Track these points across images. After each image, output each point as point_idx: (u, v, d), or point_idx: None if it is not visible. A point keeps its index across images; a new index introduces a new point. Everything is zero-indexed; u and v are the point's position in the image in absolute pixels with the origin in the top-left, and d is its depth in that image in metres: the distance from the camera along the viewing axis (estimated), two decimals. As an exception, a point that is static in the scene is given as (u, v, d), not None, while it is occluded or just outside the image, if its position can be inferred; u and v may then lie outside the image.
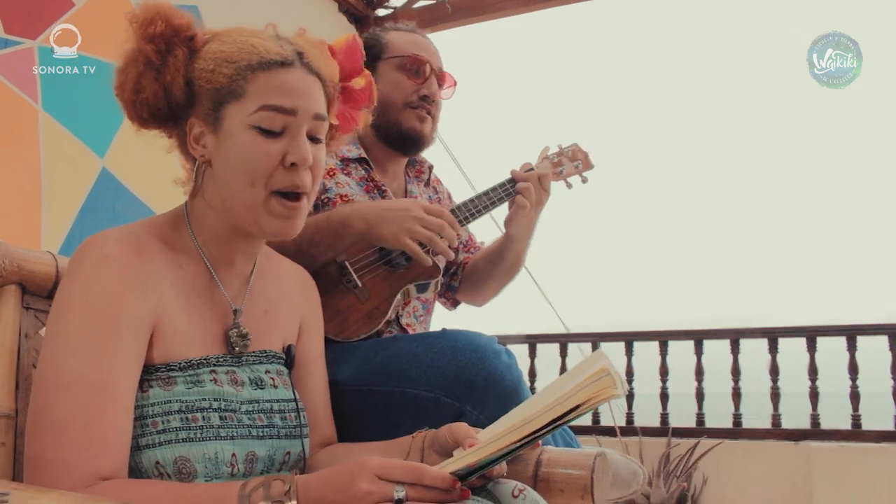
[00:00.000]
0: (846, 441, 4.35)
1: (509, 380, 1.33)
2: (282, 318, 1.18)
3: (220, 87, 1.04)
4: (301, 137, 1.05)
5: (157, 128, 1.12)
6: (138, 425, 0.98)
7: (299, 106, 1.04)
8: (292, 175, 1.04)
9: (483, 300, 1.86)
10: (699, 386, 4.83)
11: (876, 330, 4.49)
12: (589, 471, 1.32)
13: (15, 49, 2.76)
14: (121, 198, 3.05)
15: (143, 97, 1.06)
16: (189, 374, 1.02)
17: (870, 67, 3.13)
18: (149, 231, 1.06)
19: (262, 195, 1.03)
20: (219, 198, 1.07)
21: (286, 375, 1.15)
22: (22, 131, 2.78)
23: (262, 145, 1.03)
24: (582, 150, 1.80)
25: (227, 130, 1.04)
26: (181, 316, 1.04)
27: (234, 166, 1.04)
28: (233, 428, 1.02)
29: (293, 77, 1.05)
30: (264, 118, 1.03)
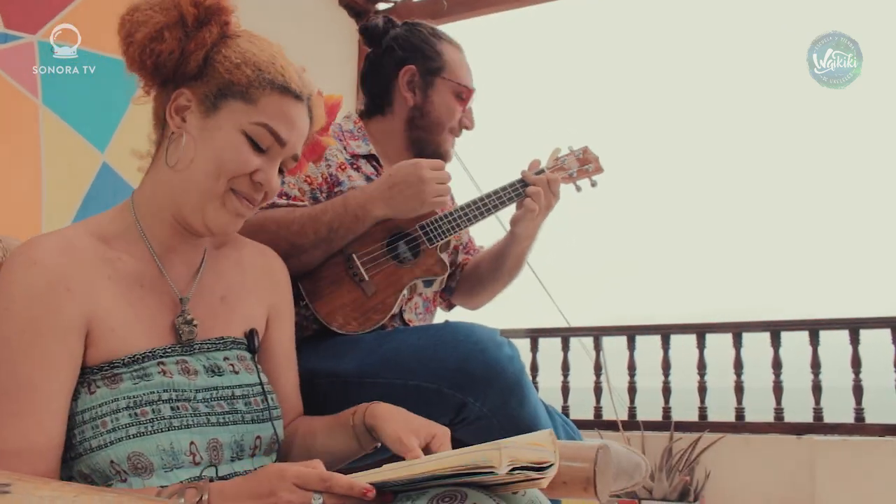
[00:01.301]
0: (849, 435, 4.34)
1: (511, 372, 1.32)
2: (243, 303, 1.18)
3: (236, 82, 1.07)
4: (275, 166, 1.11)
5: (145, 76, 1.11)
6: (89, 428, 0.98)
7: (291, 141, 1.10)
8: (253, 188, 1.09)
9: (479, 303, 1.86)
10: (701, 380, 4.82)
11: (879, 323, 4.47)
12: (592, 463, 1.32)
13: (15, 44, 2.76)
14: (121, 192, 3.04)
15: (158, 47, 1.05)
16: (134, 370, 1.01)
17: (870, 67, 3.13)
18: (85, 229, 1.07)
19: (223, 188, 1.06)
20: (176, 176, 1.07)
21: (250, 360, 1.14)
22: (22, 126, 2.78)
23: (244, 152, 1.06)
24: (592, 154, 1.80)
25: (219, 122, 1.06)
26: (122, 310, 1.03)
27: (209, 156, 1.06)
28: (187, 417, 1.02)
29: (299, 113, 1.11)
30: (260, 134, 1.07)
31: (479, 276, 1.80)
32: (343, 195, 1.53)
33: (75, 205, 2.93)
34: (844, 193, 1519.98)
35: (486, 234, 1.91)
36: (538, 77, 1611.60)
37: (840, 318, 4.61)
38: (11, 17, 2.75)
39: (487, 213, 1.66)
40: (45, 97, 2.83)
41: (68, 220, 2.88)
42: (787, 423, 4.54)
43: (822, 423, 4.45)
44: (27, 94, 2.79)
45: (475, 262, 1.81)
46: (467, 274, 1.82)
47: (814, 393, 4.49)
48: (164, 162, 1.09)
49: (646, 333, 5.09)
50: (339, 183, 1.58)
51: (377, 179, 1.56)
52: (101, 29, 2.85)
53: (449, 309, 1.88)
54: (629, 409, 4.95)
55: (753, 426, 4.62)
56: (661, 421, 4.82)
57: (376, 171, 1.67)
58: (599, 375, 5.01)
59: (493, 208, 1.66)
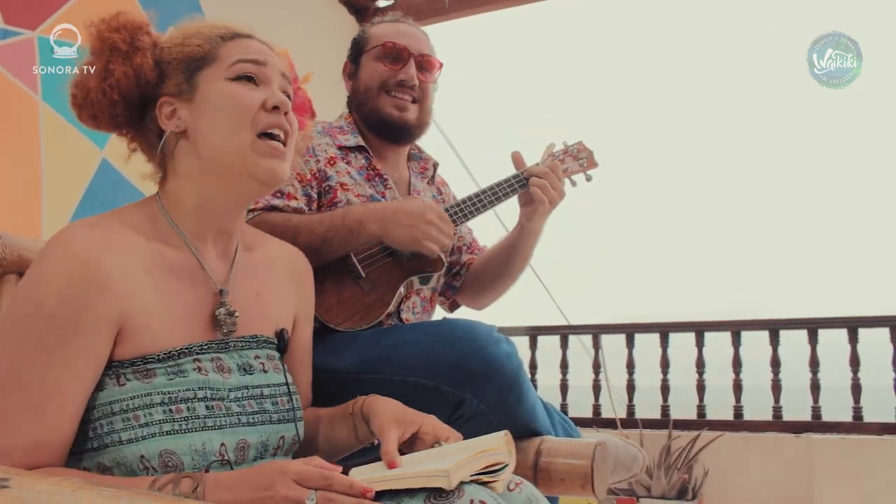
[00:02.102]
0: (847, 433, 4.35)
1: (509, 368, 1.33)
2: (275, 302, 1.18)
3: (191, 55, 1.10)
4: (275, 86, 1.12)
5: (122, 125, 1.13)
6: (119, 420, 0.96)
7: (267, 59, 1.12)
8: (274, 116, 1.09)
9: (486, 301, 1.86)
10: (700, 378, 4.83)
11: (877, 322, 4.48)
12: (589, 460, 1.32)
13: (15, 40, 2.76)
14: (121, 188, 3.05)
15: (113, 79, 1.07)
16: (169, 365, 1.00)
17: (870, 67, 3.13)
18: (121, 221, 1.06)
19: (249, 137, 1.07)
20: (197, 164, 1.08)
21: (278, 360, 1.14)
22: (22, 122, 2.78)
23: (242, 92, 1.08)
24: (587, 149, 1.80)
25: (205, 91, 1.08)
26: (158, 305, 1.02)
27: (217, 118, 1.07)
28: (221, 417, 1.02)
29: (256, 44, 1.14)
30: (240, 69, 1.09)
31: (487, 275, 1.80)
32: (345, 208, 1.54)
33: (75, 201, 2.93)
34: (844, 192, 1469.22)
35: (487, 232, 1.92)
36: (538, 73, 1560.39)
37: (838, 317, 4.61)
38: (11, 14, 2.75)
39: (484, 209, 1.66)
40: (44, 93, 2.83)
41: (68, 215, 2.89)
42: (785, 421, 4.55)
43: (820, 421, 4.45)
44: (27, 91, 2.79)
45: (482, 261, 1.81)
46: (474, 273, 1.82)
47: (812, 391, 4.50)
48: (182, 163, 1.09)
49: (645, 331, 5.09)
50: (328, 178, 1.59)
51: (385, 201, 1.59)
52: (101, 25, 2.85)
53: (452, 309, 1.87)
54: (628, 407, 4.95)
55: (752, 424, 4.62)
56: (660, 419, 4.82)
57: (368, 163, 1.68)
58: (598, 373, 5.01)
59: (489, 203, 1.66)
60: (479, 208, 1.66)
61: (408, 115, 1.69)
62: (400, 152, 1.77)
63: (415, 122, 1.71)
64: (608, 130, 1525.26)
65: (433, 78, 1.75)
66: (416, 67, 1.70)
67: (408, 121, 1.69)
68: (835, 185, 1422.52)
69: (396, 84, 1.69)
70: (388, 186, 1.67)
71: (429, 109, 1.75)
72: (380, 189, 1.66)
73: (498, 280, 1.79)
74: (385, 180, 1.67)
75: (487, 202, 1.66)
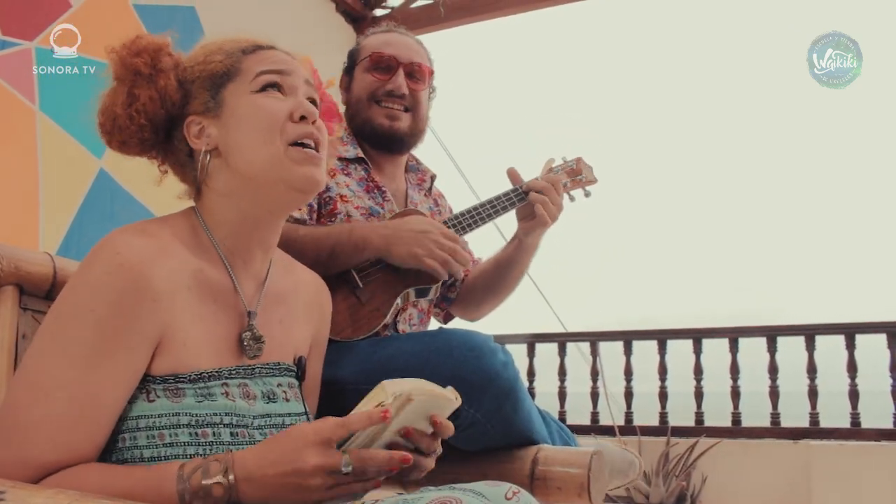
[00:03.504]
0: (845, 439, 4.35)
1: (505, 378, 1.33)
2: (296, 329, 1.17)
3: (214, 72, 1.09)
4: (301, 95, 1.11)
5: (151, 148, 1.13)
6: (143, 436, 0.96)
7: (291, 69, 1.12)
8: (302, 126, 1.08)
9: (481, 314, 1.86)
10: (698, 385, 4.83)
11: (874, 328, 4.49)
12: (586, 469, 1.33)
13: (12, 50, 2.77)
14: (118, 199, 3.06)
15: (139, 104, 1.06)
16: (199, 387, 0.99)
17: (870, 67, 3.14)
18: (171, 232, 1.05)
19: (281, 147, 1.06)
20: (232, 179, 1.07)
21: (297, 388, 1.14)
22: (19, 132, 2.78)
23: (269, 104, 1.08)
24: (586, 164, 1.81)
25: (232, 107, 1.08)
26: (195, 323, 1.01)
27: (247, 132, 1.06)
28: (243, 444, 1.00)
29: (279, 54, 1.13)
30: (264, 80, 1.09)
31: (483, 287, 1.80)
32: (351, 224, 1.55)
33: (73, 210, 2.93)
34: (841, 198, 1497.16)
35: (484, 244, 1.92)
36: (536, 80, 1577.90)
37: (836, 323, 4.62)
38: (9, 24, 2.76)
39: (482, 222, 1.67)
40: (42, 103, 2.84)
41: (66, 225, 2.89)
42: (783, 427, 4.55)
43: (818, 427, 4.46)
44: (24, 101, 2.80)
45: (477, 274, 1.82)
46: (470, 286, 1.82)
47: (810, 398, 4.50)
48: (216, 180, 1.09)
49: (642, 338, 5.10)
50: (328, 189, 1.59)
51: (387, 217, 1.60)
52: (98, 35, 2.86)
53: (446, 321, 1.87)
54: (626, 413, 4.95)
55: (750, 431, 4.62)
56: (658, 426, 4.82)
57: (367, 175, 1.68)
58: (596, 381, 5.01)
59: (487, 217, 1.67)
60: (478, 221, 1.66)
61: (399, 124, 1.69)
62: (397, 163, 1.77)
63: (407, 131, 1.71)
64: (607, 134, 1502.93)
65: (425, 86, 1.75)
66: (406, 76, 1.70)
67: (398, 130, 1.69)
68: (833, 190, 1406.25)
69: (385, 94, 1.69)
70: (386, 198, 1.67)
71: (423, 117, 1.75)
72: (378, 201, 1.66)
73: (493, 293, 1.79)
74: (383, 192, 1.67)
75: (486, 215, 1.67)
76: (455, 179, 4.31)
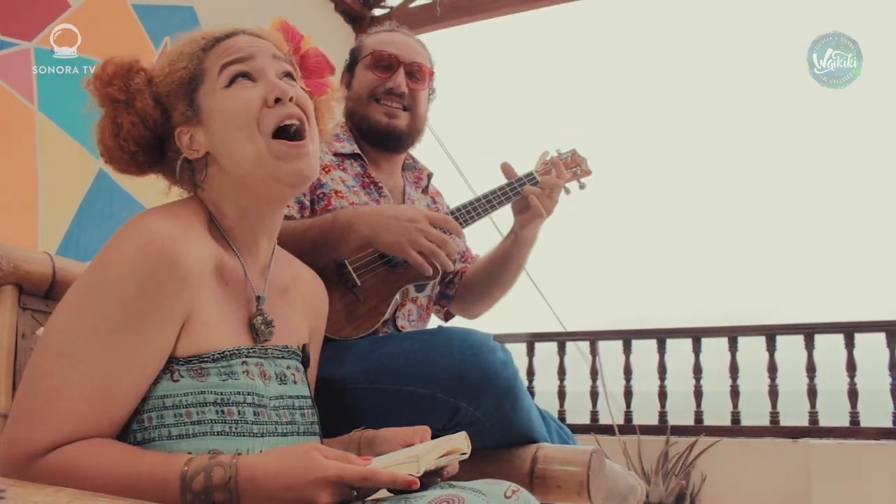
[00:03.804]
0: (845, 438, 4.36)
1: (504, 377, 1.33)
2: (296, 318, 1.18)
3: (182, 80, 1.09)
4: (271, 75, 1.09)
5: (150, 168, 1.14)
6: (170, 415, 0.96)
7: (253, 52, 1.10)
8: (279, 109, 1.07)
9: (480, 310, 1.85)
10: (697, 384, 4.84)
11: (873, 327, 4.49)
12: (585, 467, 1.33)
13: (11, 50, 2.77)
14: (117, 199, 3.06)
15: (125, 132, 1.08)
16: (222, 366, 1.00)
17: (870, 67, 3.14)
18: (195, 216, 1.06)
19: (262, 141, 1.05)
20: (228, 179, 1.08)
21: (303, 373, 1.15)
22: (18, 133, 2.79)
23: (240, 95, 1.06)
24: (580, 156, 1.81)
25: (208, 109, 1.07)
26: (213, 305, 1.03)
27: (227, 131, 1.06)
28: (264, 424, 1.02)
29: (239, 40, 1.11)
30: (229, 73, 1.07)
31: (481, 284, 1.80)
32: (334, 212, 1.54)
33: (71, 210, 2.93)
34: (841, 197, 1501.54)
35: (482, 240, 1.92)
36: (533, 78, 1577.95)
37: (835, 322, 4.63)
38: (7, 24, 2.76)
39: (478, 217, 1.67)
40: (40, 104, 2.84)
41: (65, 225, 2.89)
42: (782, 426, 4.55)
43: (817, 426, 4.46)
44: (23, 101, 2.80)
45: (475, 270, 1.81)
46: (468, 282, 1.82)
47: (809, 397, 4.51)
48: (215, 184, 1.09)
49: (642, 338, 5.10)
50: (322, 185, 1.60)
51: (380, 205, 1.59)
52: (96, 35, 2.86)
53: (447, 319, 1.87)
54: (625, 413, 4.96)
55: (749, 430, 4.63)
56: (658, 425, 4.82)
57: (363, 171, 1.69)
58: (595, 380, 5.02)
59: (483, 212, 1.67)
60: (474, 216, 1.66)
61: (397, 122, 1.70)
62: (395, 161, 1.78)
63: (405, 130, 1.72)
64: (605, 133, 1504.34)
65: (424, 86, 1.75)
66: (406, 75, 1.71)
67: (397, 128, 1.70)
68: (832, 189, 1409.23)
69: (385, 92, 1.69)
70: (382, 194, 1.68)
71: (421, 117, 1.76)
72: (374, 196, 1.66)
73: (491, 289, 1.79)
74: (380, 188, 1.68)
75: (482, 210, 1.67)
76: (453, 178, 4.31)
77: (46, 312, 1.21)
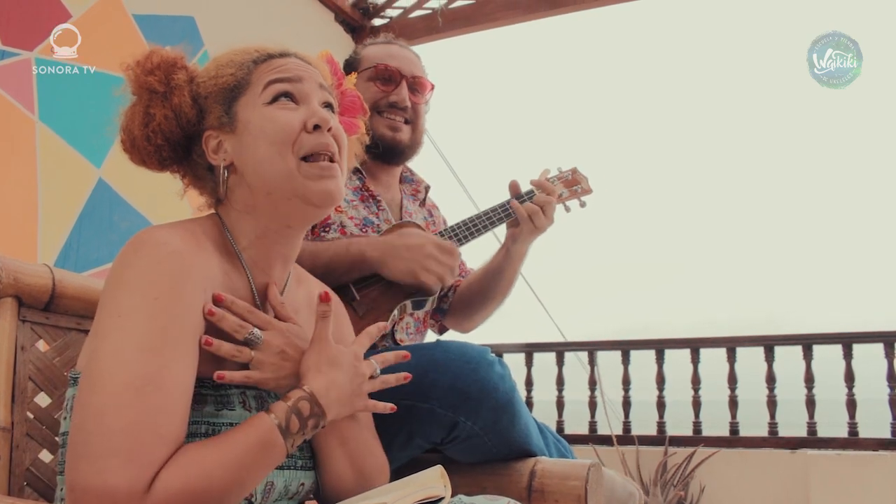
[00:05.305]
0: (843, 449, 4.35)
1: (502, 390, 1.33)
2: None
3: (226, 86, 1.08)
4: (315, 103, 1.09)
5: (171, 165, 1.12)
6: None
7: (302, 75, 1.10)
8: (317, 137, 1.06)
9: (473, 324, 1.86)
10: (696, 394, 4.84)
11: (872, 338, 4.50)
12: (583, 481, 1.33)
13: (12, 60, 2.77)
14: (117, 208, 3.06)
15: (155, 124, 1.06)
16: (220, 395, 0.99)
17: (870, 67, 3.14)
18: (203, 232, 1.04)
19: (294, 162, 1.04)
20: (250, 195, 1.06)
21: None
22: (18, 142, 2.79)
23: (281, 115, 1.06)
24: (581, 174, 1.81)
25: (245, 120, 1.06)
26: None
27: (260, 146, 1.05)
28: None
29: (290, 61, 1.11)
30: (274, 90, 1.07)
31: (473, 298, 1.81)
32: (348, 239, 1.56)
33: (71, 220, 2.94)
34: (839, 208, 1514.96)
35: (478, 253, 1.92)
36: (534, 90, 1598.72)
37: (833, 333, 4.63)
38: (8, 34, 2.77)
39: (477, 234, 1.68)
40: (41, 113, 2.85)
41: (64, 235, 2.89)
42: (781, 437, 4.55)
43: (815, 437, 4.46)
44: (24, 110, 2.80)
45: (468, 284, 1.82)
46: (461, 296, 1.83)
47: (807, 407, 4.51)
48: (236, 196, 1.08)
49: (640, 348, 5.10)
50: None
51: (389, 235, 1.60)
52: (97, 45, 2.87)
53: (441, 333, 1.88)
54: (624, 423, 4.95)
55: (748, 441, 4.62)
56: (656, 435, 4.82)
57: (362, 184, 1.69)
58: (594, 390, 5.01)
59: (482, 229, 1.68)
60: (474, 233, 1.67)
61: (400, 135, 1.71)
62: (393, 173, 1.78)
63: (407, 143, 1.73)
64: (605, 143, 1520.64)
65: (425, 99, 1.77)
66: (408, 89, 1.72)
67: (401, 141, 1.72)
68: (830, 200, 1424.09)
69: (388, 105, 1.71)
70: (381, 208, 1.68)
71: (421, 130, 1.78)
72: (373, 210, 1.67)
73: (484, 302, 1.80)
74: (378, 201, 1.68)
75: (482, 227, 1.68)
76: (454, 189, 4.31)
77: (46, 325, 1.21)
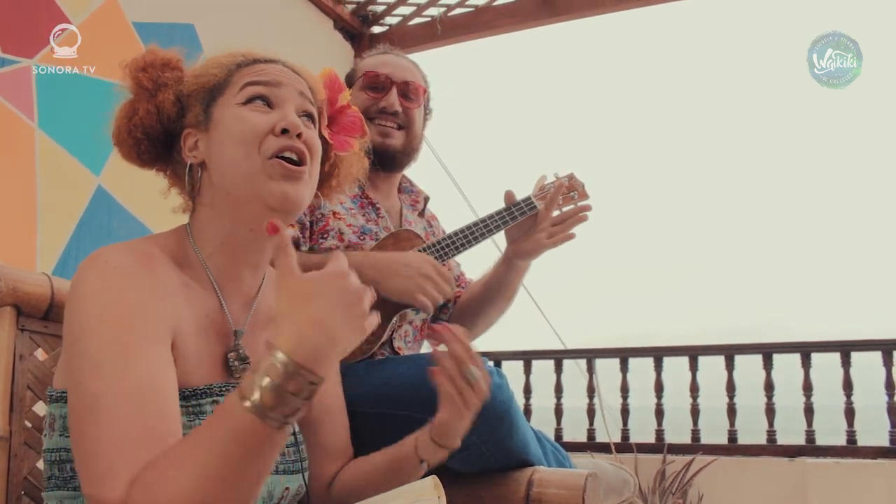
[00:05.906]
0: (841, 457, 4.34)
1: (500, 400, 1.33)
2: None
3: (207, 85, 1.09)
4: (289, 109, 1.08)
5: (153, 161, 1.14)
6: None
7: (281, 80, 1.09)
8: (283, 140, 1.05)
9: (473, 335, 1.86)
10: (694, 402, 4.83)
11: (870, 345, 4.49)
12: (580, 491, 1.33)
13: (11, 68, 2.78)
14: (116, 216, 3.06)
15: (137, 118, 1.09)
16: (192, 405, 0.97)
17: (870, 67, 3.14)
18: (156, 245, 1.04)
19: (258, 161, 1.03)
20: (216, 194, 1.06)
21: None
22: (18, 149, 2.79)
23: (251, 116, 1.06)
24: (577, 180, 1.81)
25: (217, 119, 1.07)
26: (190, 337, 1.00)
27: (227, 145, 1.05)
28: None
29: (273, 67, 1.11)
30: (250, 92, 1.07)
31: (475, 309, 1.81)
32: (346, 252, 1.55)
33: (70, 227, 2.94)
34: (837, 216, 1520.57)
35: (477, 260, 1.92)
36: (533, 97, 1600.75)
37: (831, 341, 4.62)
38: (8, 42, 2.77)
39: (475, 242, 1.68)
40: (40, 121, 2.85)
41: (63, 242, 2.89)
42: (779, 445, 4.54)
43: (814, 445, 4.45)
44: (23, 118, 2.81)
45: (469, 296, 1.82)
46: (462, 306, 1.83)
47: (806, 415, 4.50)
48: (204, 194, 1.08)
49: (639, 356, 5.09)
50: (320, 206, 1.61)
51: (387, 247, 1.61)
52: (97, 52, 2.88)
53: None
54: (622, 431, 4.94)
55: (746, 448, 4.61)
56: (654, 443, 4.81)
57: (361, 192, 1.70)
58: (592, 397, 5.01)
59: (480, 237, 1.68)
60: (471, 241, 1.67)
61: (391, 141, 1.72)
62: (391, 181, 1.79)
63: (400, 149, 1.74)
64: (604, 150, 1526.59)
65: (418, 104, 1.77)
66: (399, 95, 1.73)
67: (391, 147, 1.72)
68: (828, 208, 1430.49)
69: (378, 111, 1.72)
70: (380, 215, 1.68)
71: (417, 136, 1.78)
72: (372, 217, 1.67)
73: (485, 315, 1.81)
74: (377, 209, 1.69)
75: (480, 235, 1.68)
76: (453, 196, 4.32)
77: (45, 334, 1.21)
